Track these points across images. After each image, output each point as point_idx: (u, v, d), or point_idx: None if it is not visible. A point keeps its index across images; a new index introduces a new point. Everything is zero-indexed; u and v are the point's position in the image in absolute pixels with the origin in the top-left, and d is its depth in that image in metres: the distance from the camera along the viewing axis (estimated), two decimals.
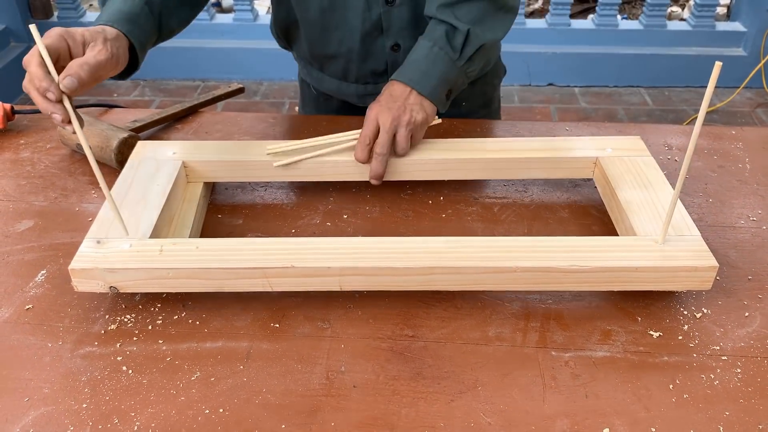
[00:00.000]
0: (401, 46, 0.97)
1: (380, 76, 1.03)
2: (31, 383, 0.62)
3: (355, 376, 0.63)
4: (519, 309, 0.70)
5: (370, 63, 1.00)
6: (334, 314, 0.69)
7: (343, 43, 0.98)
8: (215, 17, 3.14)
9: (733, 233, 0.80)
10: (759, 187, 0.89)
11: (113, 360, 0.64)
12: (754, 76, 2.88)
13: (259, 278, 0.67)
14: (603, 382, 0.62)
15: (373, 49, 0.98)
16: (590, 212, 0.84)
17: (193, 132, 1.03)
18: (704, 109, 0.59)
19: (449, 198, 0.87)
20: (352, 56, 1.00)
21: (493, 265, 0.66)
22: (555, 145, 0.86)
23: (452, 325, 0.68)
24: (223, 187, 0.89)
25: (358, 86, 1.05)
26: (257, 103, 2.94)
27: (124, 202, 0.75)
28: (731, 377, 0.62)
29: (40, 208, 0.85)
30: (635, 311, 0.69)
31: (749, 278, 0.74)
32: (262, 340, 0.66)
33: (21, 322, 0.68)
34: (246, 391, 0.61)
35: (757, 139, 1.01)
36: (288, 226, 0.82)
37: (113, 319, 0.68)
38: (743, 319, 0.68)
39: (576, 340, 0.66)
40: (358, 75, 1.03)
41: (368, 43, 0.97)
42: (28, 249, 0.78)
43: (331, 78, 1.07)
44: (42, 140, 0.99)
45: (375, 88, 1.03)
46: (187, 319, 0.69)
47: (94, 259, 0.67)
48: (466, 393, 0.61)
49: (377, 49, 0.98)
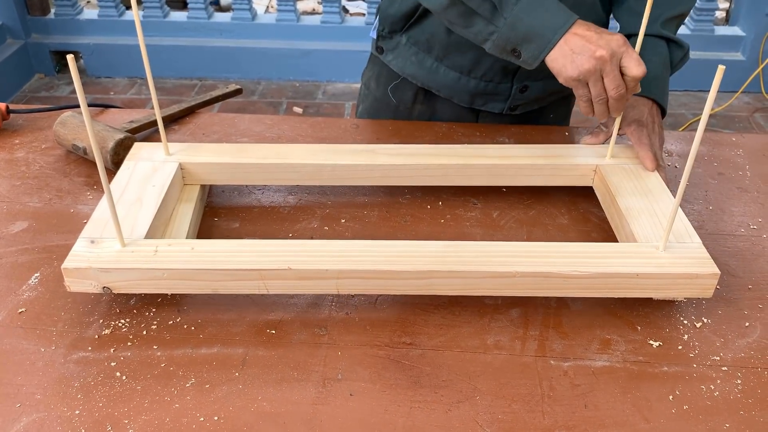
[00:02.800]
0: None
1: (508, 74, 0.97)
2: (23, 389, 0.61)
3: (351, 384, 0.62)
4: (518, 316, 0.69)
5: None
6: (331, 321, 0.69)
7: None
8: (213, 16, 3.13)
9: (734, 241, 0.80)
10: (759, 195, 0.88)
11: (107, 366, 0.63)
12: (752, 80, 2.88)
13: (255, 280, 0.66)
14: (602, 392, 0.61)
15: None
16: (590, 219, 0.84)
17: (190, 133, 1.02)
18: (706, 114, 0.59)
19: (448, 203, 0.86)
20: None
21: (492, 270, 0.66)
22: (555, 152, 0.86)
23: (450, 333, 0.67)
24: (219, 190, 0.89)
25: (479, 82, 0.99)
26: (255, 103, 2.93)
27: (120, 203, 0.75)
28: (731, 388, 0.62)
29: (35, 209, 0.84)
30: (635, 320, 0.69)
31: (749, 287, 0.73)
32: (258, 347, 0.65)
33: (14, 326, 0.67)
34: (241, 399, 0.60)
35: (758, 146, 1.00)
36: (285, 229, 0.81)
37: (107, 323, 0.68)
38: (743, 329, 0.68)
39: (575, 348, 0.66)
40: (486, 70, 0.97)
41: None
42: (22, 251, 0.77)
43: (451, 70, 1.00)
44: (37, 140, 0.98)
45: (496, 88, 0.99)
46: (182, 324, 0.68)
47: (88, 259, 0.66)
48: (464, 402, 0.60)
49: None
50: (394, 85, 1.07)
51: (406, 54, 1.03)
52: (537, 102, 1.05)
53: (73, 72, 0.54)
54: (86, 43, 3.08)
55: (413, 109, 1.08)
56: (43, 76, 3.15)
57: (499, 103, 1.02)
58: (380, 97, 1.11)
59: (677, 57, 0.90)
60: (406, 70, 1.04)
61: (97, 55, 3.09)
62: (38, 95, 3.00)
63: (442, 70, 1.01)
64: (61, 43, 3.11)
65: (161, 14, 3.06)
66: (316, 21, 3.07)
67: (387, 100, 1.10)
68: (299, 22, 3.06)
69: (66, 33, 3.11)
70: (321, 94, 3.02)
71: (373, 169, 0.84)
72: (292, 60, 3.05)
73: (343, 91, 3.04)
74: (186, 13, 3.11)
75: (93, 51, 3.09)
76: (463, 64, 0.98)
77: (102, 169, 0.62)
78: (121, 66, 3.07)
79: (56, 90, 3.04)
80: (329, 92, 3.03)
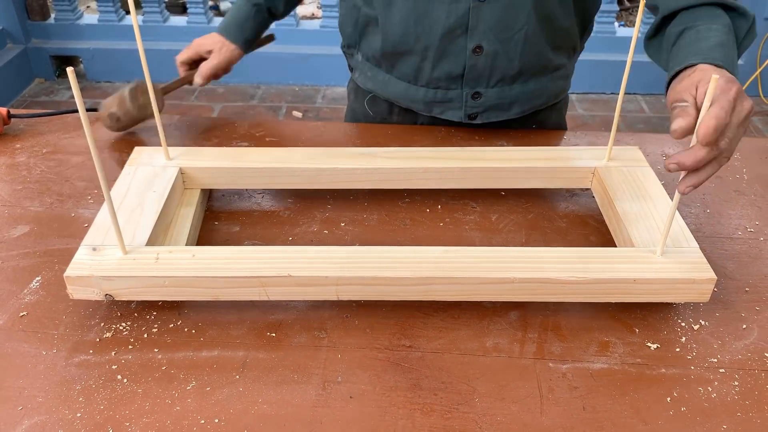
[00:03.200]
0: (484, 49, 0.90)
1: (454, 80, 0.96)
2: (25, 392, 0.61)
3: (351, 386, 0.62)
4: (517, 319, 0.70)
5: (445, 64, 0.93)
6: (330, 323, 0.69)
7: (421, 38, 0.91)
8: (213, 21, 3.13)
9: (731, 244, 0.80)
10: (756, 198, 0.89)
11: (108, 368, 0.63)
12: (750, 84, 2.89)
13: (256, 287, 0.67)
14: (601, 394, 0.62)
15: (453, 49, 0.91)
16: (588, 222, 0.84)
17: (191, 138, 1.02)
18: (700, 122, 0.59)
19: (447, 206, 0.86)
20: (428, 54, 0.92)
21: (490, 276, 0.66)
22: (553, 155, 0.86)
23: (450, 336, 0.68)
24: (220, 194, 0.89)
25: (428, 91, 0.98)
26: (254, 107, 2.93)
27: (121, 209, 0.75)
28: (729, 390, 0.62)
29: (36, 213, 0.84)
30: (633, 322, 0.69)
31: (746, 290, 0.74)
32: (258, 350, 0.66)
33: (15, 330, 0.67)
34: (242, 402, 0.61)
35: (755, 149, 1.01)
36: (285, 233, 0.82)
37: (108, 326, 0.68)
38: (741, 332, 0.68)
39: (574, 351, 0.66)
40: (430, 77, 0.96)
41: (448, 42, 0.90)
42: (24, 255, 0.77)
43: (399, 80, 1.00)
44: (38, 145, 0.99)
45: (446, 95, 0.98)
46: (183, 327, 0.68)
47: (90, 267, 0.66)
48: (464, 404, 0.60)
49: (457, 50, 0.91)
50: (370, 98, 1.08)
51: (363, 69, 1.05)
52: (501, 112, 1.00)
53: (73, 84, 0.54)
54: (86, 48, 3.09)
55: (391, 120, 1.09)
56: (43, 81, 3.16)
57: (456, 111, 1.00)
58: (359, 109, 1.12)
59: (742, 29, 0.77)
60: (368, 86, 1.06)
61: (97, 60, 3.10)
62: (38, 99, 3.00)
63: (393, 81, 1.01)
64: (61, 48, 3.12)
65: (161, 19, 3.07)
66: (316, 26, 3.08)
67: (365, 112, 1.10)
68: (299, 27, 3.07)
69: (66, 38, 3.12)
70: (320, 98, 3.02)
71: (372, 173, 0.84)
72: (291, 64, 3.06)
73: (342, 96, 3.04)
74: (186, 18, 3.11)
75: (93, 55, 3.10)
76: (407, 73, 0.98)
77: (102, 177, 0.62)
78: (121, 70, 3.08)
79: (56, 94, 3.05)
80: (329, 96, 3.04)
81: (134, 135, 1.02)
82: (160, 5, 3.06)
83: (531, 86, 0.98)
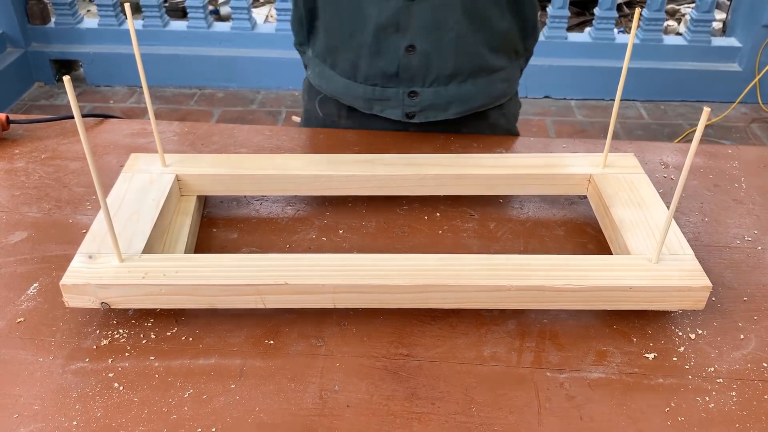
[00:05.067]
0: (417, 48, 0.90)
1: (390, 79, 0.95)
2: (20, 399, 0.61)
3: (348, 395, 0.62)
4: (514, 328, 0.70)
5: (380, 62, 0.93)
6: (328, 331, 0.69)
7: (355, 35, 0.91)
8: (213, 25, 3.14)
9: (729, 253, 0.80)
10: (755, 207, 0.89)
11: (105, 376, 0.63)
12: (749, 91, 2.90)
13: (253, 295, 0.67)
14: (598, 404, 0.61)
15: (386, 47, 0.91)
16: (586, 230, 0.84)
17: (189, 144, 1.02)
18: (691, 155, 0.59)
19: (445, 214, 0.87)
20: (363, 51, 0.92)
21: (487, 284, 0.66)
22: (550, 162, 0.86)
23: (447, 344, 0.68)
24: (218, 200, 0.89)
25: (366, 88, 0.98)
26: (254, 112, 2.94)
27: (117, 217, 0.75)
28: (726, 400, 0.62)
29: (34, 219, 0.84)
30: (630, 331, 0.69)
31: (744, 299, 0.74)
32: (255, 358, 0.66)
33: (12, 336, 0.67)
34: (239, 410, 0.60)
35: (754, 158, 1.01)
36: (283, 240, 0.82)
37: (105, 334, 0.68)
38: (739, 341, 0.68)
39: (571, 360, 0.66)
40: (367, 74, 0.96)
41: (381, 39, 0.90)
42: (21, 261, 0.77)
43: (340, 76, 0.99)
44: (37, 150, 0.99)
45: (383, 93, 0.98)
46: (180, 335, 0.68)
47: (86, 275, 0.66)
48: (461, 414, 0.60)
49: (390, 48, 0.91)
50: (321, 99, 1.08)
51: (313, 65, 1.05)
52: (438, 111, 1.00)
53: (69, 92, 0.54)
54: (86, 52, 3.10)
55: (339, 123, 1.08)
56: (43, 85, 3.16)
57: (395, 110, 1.00)
58: (311, 109, 1.12)
59: None
60: (317, 82, 1.05)
61: (97, 64, 3.11)
62: (38, 104, 3.01)
63: (335, 77, 1.01)
64: (61, 52, 3.12)
65: (161, 23, 3.08)
66: None
67: (316, 113, 1.10)
68: None
69: (66, 42, 3.12)
70: None
71: (369, 180, 0.84)
72: (291, 69, 3.06)
73: None
74: (186, 23, 3.12)
75: (93, 60, 3.10)
76: (346, 68, 0.98)
77: (98, 184, 0.62)
78: (121, 75, 3.08)
79: (56, 98, 3.05)
80: None
81: (134, 140, 1.02)
82: (160, 10, 3.07)
83: (468, 87, 0.99)
